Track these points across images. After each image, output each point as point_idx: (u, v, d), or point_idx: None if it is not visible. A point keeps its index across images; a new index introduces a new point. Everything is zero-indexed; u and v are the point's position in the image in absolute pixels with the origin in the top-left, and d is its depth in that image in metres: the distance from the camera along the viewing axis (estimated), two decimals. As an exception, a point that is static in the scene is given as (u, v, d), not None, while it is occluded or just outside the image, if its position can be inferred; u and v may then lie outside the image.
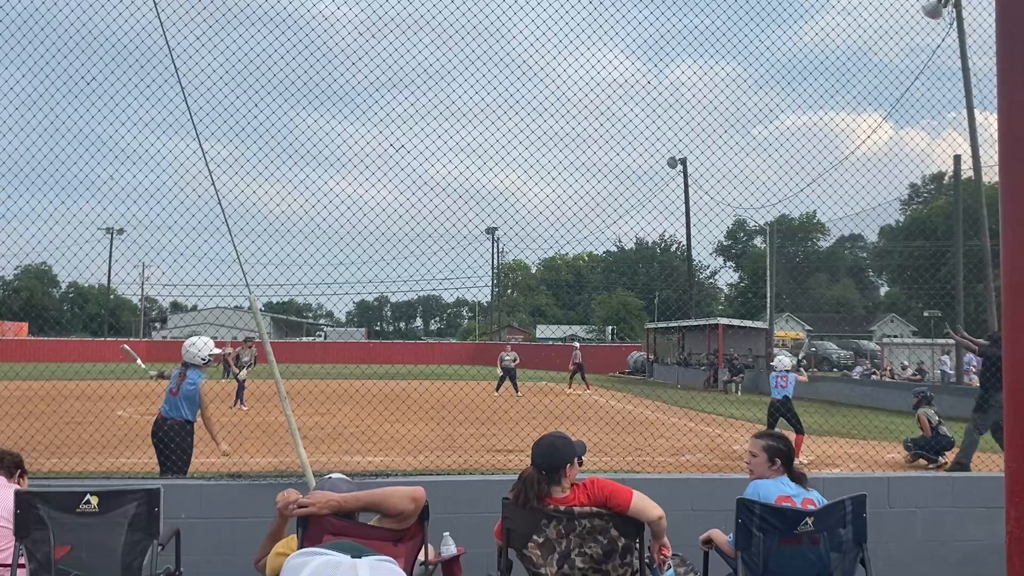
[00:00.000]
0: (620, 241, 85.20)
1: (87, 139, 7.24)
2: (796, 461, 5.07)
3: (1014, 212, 1.99)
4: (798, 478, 4.83)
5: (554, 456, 4.22)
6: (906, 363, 40.79)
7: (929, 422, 13.79)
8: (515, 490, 4.21)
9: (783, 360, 15.25)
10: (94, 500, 4.76)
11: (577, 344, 39.18)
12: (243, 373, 22.97)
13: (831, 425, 16.34)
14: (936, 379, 32.37)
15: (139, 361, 10.06)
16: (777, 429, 8.33)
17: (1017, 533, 1.92)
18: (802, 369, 16.64)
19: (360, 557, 1.55)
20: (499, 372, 29.18)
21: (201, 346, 8.75)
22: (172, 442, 8.33)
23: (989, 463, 11.64)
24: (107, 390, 9.64)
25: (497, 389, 28.48)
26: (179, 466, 8.25)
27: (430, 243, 8.11)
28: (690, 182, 25.94)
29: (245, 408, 21.76)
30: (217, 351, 8.95)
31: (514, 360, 29.41)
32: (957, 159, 21.01)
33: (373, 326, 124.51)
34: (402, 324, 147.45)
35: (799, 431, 13.85)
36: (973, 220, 24.44)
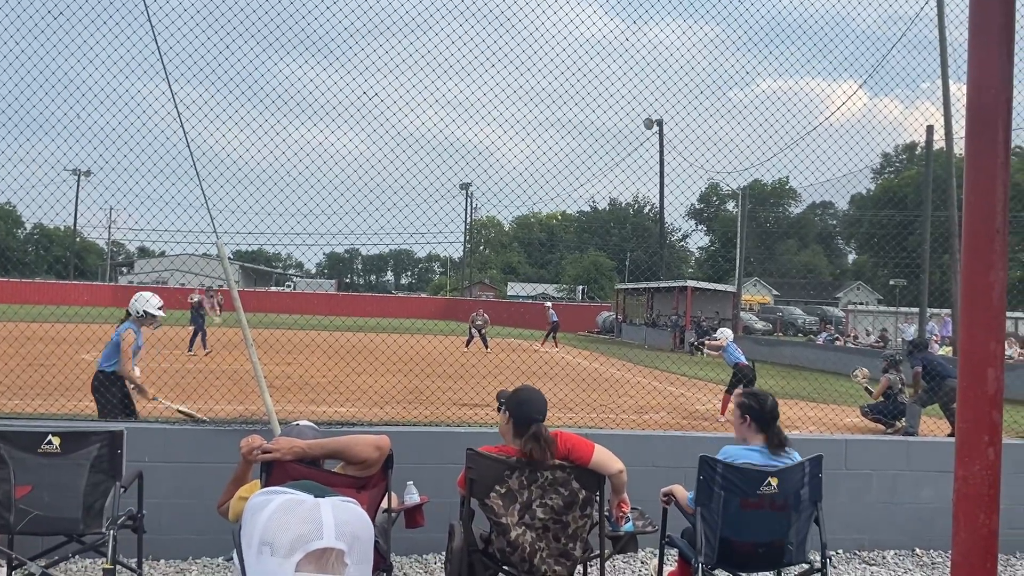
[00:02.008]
0: (594, 201, 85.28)
1: (53, 76, 7.08)
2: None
3: (977, 181, 2.02)
4: (779, 443, 4.68)
5: (545, 406, 4.27)
6: (870, 330, 41.39)
7: (890, 388, 14.12)
8: (525, 448, 4.17)
9: (727, 331, 16.13)
10: (56, 440, 4.75)
11: (549, 304, 39.53)
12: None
13: (793, 388, 16.56)
14: (899, 347, 32.92)
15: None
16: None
17: (964, 491, 1.98)
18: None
19: (322, 497, 1.57)
20: (471, 331, 30.02)
21: (145, 299, 8.31)
22: (98, 395, 7.95)
23: (945, 428, 11.90)
24: (71, 333, 9.52)
25: (467, 344, 28.96)
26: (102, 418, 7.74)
27: (403, 196, 8.08)
28: (666, 144, 25.89)
29: (192, 353, 21.95)
30: (160, 313, 8.42)
31: (485, 323, 30.69)
32: (929, 129, 21.11)
33: (343, 278, 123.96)
34: (373, 277, 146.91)
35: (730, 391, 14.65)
36: (942, 191, 24.66)
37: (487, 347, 28.60)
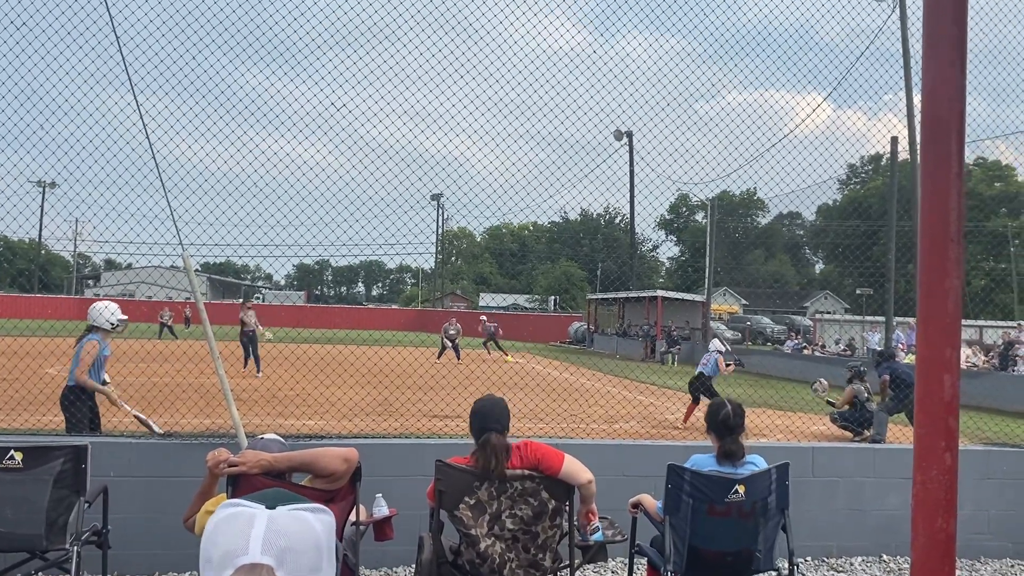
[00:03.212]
0: (565, 212, 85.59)
1: (16, 87, 7.00)
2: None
3: (933, 191, 2.05)
4: (725, 454, 4.68)
5: (505, 415, 4.27)
6: (837, 338, 41.83)
7: (856, 397, 14.30)
8: (476, 458, 4.17)
9: (715, 343, 16.46)
10: (18, 456, 4.68)
11: (484, 317, 38.90)
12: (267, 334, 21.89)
13: (761, 397, 16.73)
14: (865, 355, 33.29)
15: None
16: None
17: (921, 497, 2.01)
18: (731, 362, 17.94)
19: (275, 507, 1.55)
20: (444, 342, 29.67)
21: (111, 309, 8.16)
22: (66, 411, 7.80)
23: (911, 435, 12.05)
24: (35, 346, 9.41)
25: (439, 356, 28.81)
26: (75, 434, 7.55)
27: (372, 206, 8.03)
28: (635, 155, 26.10)
29: (260, 375, 20.93)
30: (124, 317, 8.26)
31: (458, 333, 30.37)
32: (894, 141, 21.47)
33: (313, 290, 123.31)
34: (343, 289, 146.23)
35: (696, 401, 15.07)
36: (907, 201, 25.06)
37: (459, 358, 28.51)
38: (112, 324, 8.04)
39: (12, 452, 4.68)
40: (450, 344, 29.62)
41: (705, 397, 14.42)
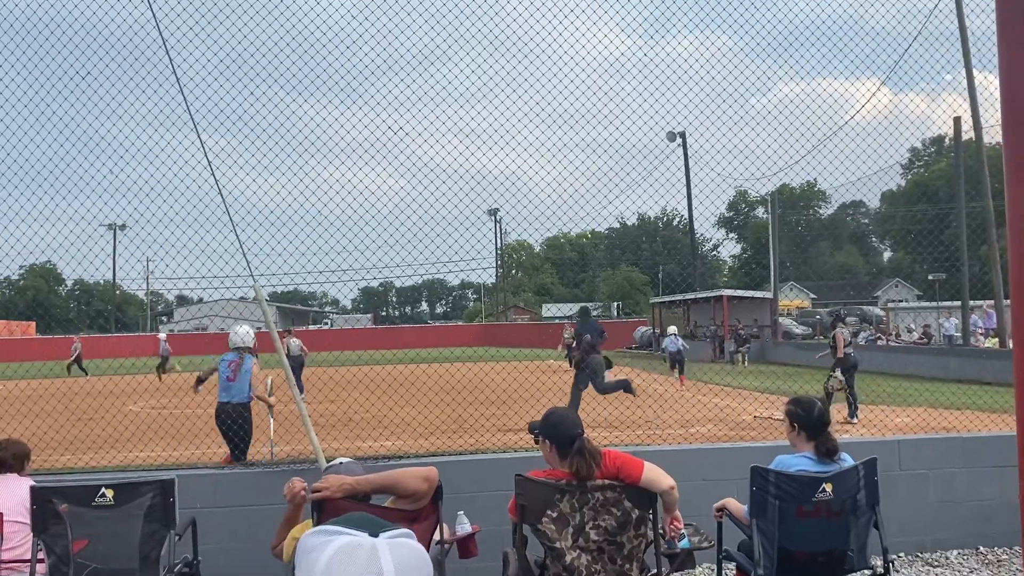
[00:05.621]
0: (622, 217, 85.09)
1: (85, 135, 7.23)
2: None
3: (1017, 171, 1.99)
4: (827, 451, 4.61)
5: (578, 420, 4.25)
6: (912, 327, 40.74)
7: (844, 340, 14.70)
8: (574, 466, 4.12)
9: (671, 328, 22.89)
10: (109, 493, 4.80)
11: (162, 336, 33.88)
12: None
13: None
14: (942, 342, 32.35)
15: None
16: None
17: (1027, 487, 1.94)
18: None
19: (377, 535, 1.56)
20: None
21: (249, 330, 9.82)
22: (239, 422, 9.13)
23: (1000, 423, 11.69)
24: (117, 385, 9.69)
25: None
26: (243, 447, 9.12)
27: (432, 226, 8.10)
28: (690, 155, 25.83)
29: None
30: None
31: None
32: (957, 121, 20.91)
33: (379, 312, 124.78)
34: (408, 309, 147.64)
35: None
36: (975, 182, 24.34)
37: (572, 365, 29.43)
38: (253, 342, 9.67)
39: (103, 490, 4.80)
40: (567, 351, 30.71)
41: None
